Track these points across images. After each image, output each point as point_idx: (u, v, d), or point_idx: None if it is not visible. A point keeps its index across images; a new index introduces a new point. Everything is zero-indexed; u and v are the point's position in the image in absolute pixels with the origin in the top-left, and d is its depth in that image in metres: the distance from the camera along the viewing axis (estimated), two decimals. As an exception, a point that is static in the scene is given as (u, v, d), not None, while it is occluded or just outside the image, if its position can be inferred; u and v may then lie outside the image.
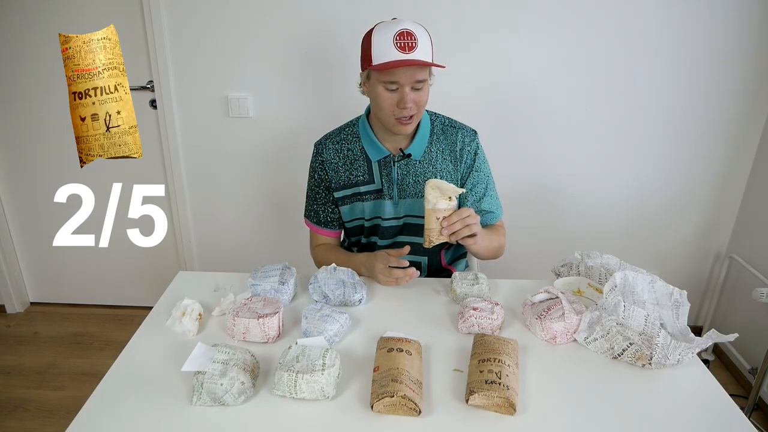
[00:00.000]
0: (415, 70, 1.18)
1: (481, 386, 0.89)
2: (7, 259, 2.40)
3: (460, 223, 1.15)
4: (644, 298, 1.10)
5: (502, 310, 1.11)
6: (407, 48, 1.16)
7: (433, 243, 1.17)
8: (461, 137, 1.37)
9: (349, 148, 1.36)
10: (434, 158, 1.36)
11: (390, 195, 1.36)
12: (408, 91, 1.19)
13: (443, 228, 1.14)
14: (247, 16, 1.93)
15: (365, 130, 1.35)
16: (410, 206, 1.38)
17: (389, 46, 1.16)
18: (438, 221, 1.15)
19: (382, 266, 1.25)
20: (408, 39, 1.16)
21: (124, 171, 1.76)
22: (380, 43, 1.18)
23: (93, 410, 0.89)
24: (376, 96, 1.24)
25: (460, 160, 1.37)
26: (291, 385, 0.88)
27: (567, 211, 2.19)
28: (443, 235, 1.15)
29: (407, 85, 1.19)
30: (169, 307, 1.13)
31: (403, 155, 1.33)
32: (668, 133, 2.04)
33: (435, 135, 1.36)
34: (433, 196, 1.14)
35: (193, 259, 2.35)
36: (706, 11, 1.86)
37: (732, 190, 2.12)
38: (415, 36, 1.17)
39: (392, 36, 1.16)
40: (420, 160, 1.35)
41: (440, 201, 1.14)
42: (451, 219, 1.15)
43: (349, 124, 1.40)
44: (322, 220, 1.43)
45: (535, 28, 1.90)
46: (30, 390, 2.01)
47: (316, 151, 1.40)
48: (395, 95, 1.21)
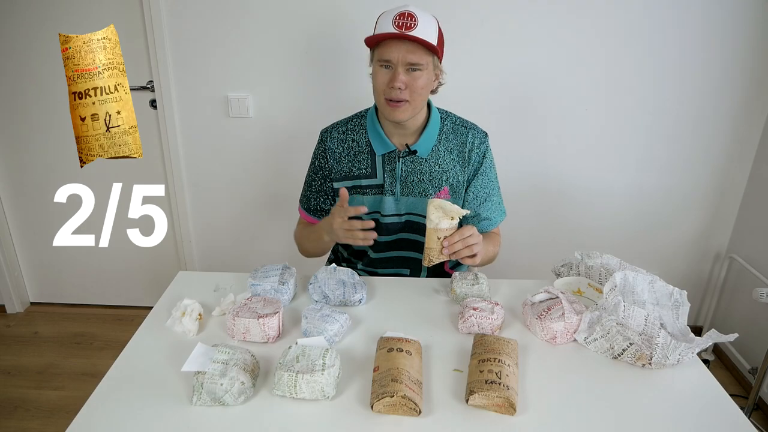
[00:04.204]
0: (408, 50, 1.17)
1: (481, 386, 0.89)
2: (7, 259, 2.40)
3: (461, 243, 1.14)
4: (644, 298, 1.10)
5: (502, 310, 1.11)
6: (404, 27, 1.16)
7: (432, 262, 1.16)
8: (471, 138, 1.35)
9: (354, 139, 1.35)
10: (441, 157, 1.34)
11: (392, 191, 1.34)
12: (401, 72, 1.18)
13: (444, 248, 1.14)
14: (247, 16, 1.93)
15: (372, 123, 1.33)
16: (413, 204, 1.36)
17: (387, 24, 1.17)
18: (439, 241, 1.14)
19: (341, 220, 1.19)
20: (407, 19, 1.16)
21: (124, 171, 1.76)
22: (382, 22, 1.20)
23: (93, 410, 0.89)
24: (373, 76, 1.24)
25: (468, 162, 1.35)
26: (291, 385, 0.88)
27: (567, 211, 2.19)
28: (443, 255, 1.15)
29: (400, 65, 1.18)
30: (169, 307, 1.13)
31: (409, 151, 1.32)
32: (668, 132, 2.04)
33: (444, 134, 1.34)
34: (436, 216, 1.13)
35: (193, 259, 2.35)
36: (706, 11, 1.86)
37: (732, 190, 2.12)
38: (416, 18, 1.16)
39: (392, 15, 1.17)
40: (426, 158, 1.33)
41: (443, 221, 1.13)
42: (453, 239, 1.14)
43: (358, 115, 1.38)
44: (312, 207, 1.42)
45: (535, 28, 1.90)
46: (30, 390, 2.01)
47: (321, 138, 1.39)
48: (388, 73, 1.20)
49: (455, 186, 1.35)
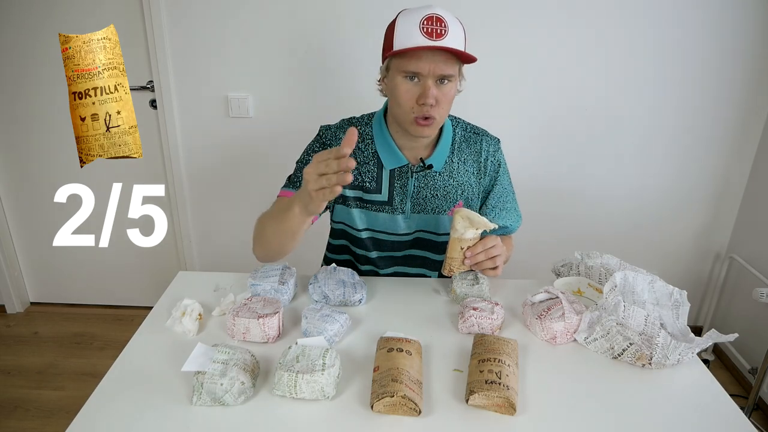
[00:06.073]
0: (442, 61, 1.04)
1: (481, 386, 0.88)
2: (7, 259, 2.40)
3: (483, 254, 1.11)
4: (644, 298, 1.10)
5: (502, 310, 1.11)
6: (435, 34, 1.02)
7: (453, 272, 1.15)
8: (486, 146, 1.25)
9: (359, 148, 1.21)
10: (455, 170, 1.23)
11: (402, 209, 1.24)
12: (431, 84, 1.05)
13: (466, 258, 1.12)
14: (247, 16, 1.93)
15: (382, 134, 1.20)
16: (424, 222, 1.27)
17: (414, 31, 1.02)
18: (462, 251, 1.12)
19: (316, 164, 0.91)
20: (437, 24, 1.03)
21: (124, 171, 1.76)
22: (405, 27, 1.04)
23: (93, 410, 0.89)
24: (394, 89, 1.09)
25: (484, 171, 1.26)
26: (291, 385, 0.88)
27: (567, 211, 2.19)
28: (465, 265, 1.13)
29: (431, 77, 1.05)
30: (169, 307, 1.13)
31: (424, 166, 1.20)
32: (668, 133, 2.04)
33: (456, 143, 1.23)
34: (462, 226, 1.10)
35: (193, 259, 2.35)
36: (706, 12, 1.86)
37: (732, 190, 2.13)
38: (446, 23, 1.03)
39: (419, 20, 1.03)
40: (440, 171, 1.22)
41: (468, 231, 1.11)
42: (476, 249, 1.11)
43: (362, 122, 1.24)
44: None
45: (535, 28, 1.91)
46: (30, 390, 2.01)
47: (322, 134, 1.24)
48: (416, 88, 1.07)
49: (470, 198, 1.27)
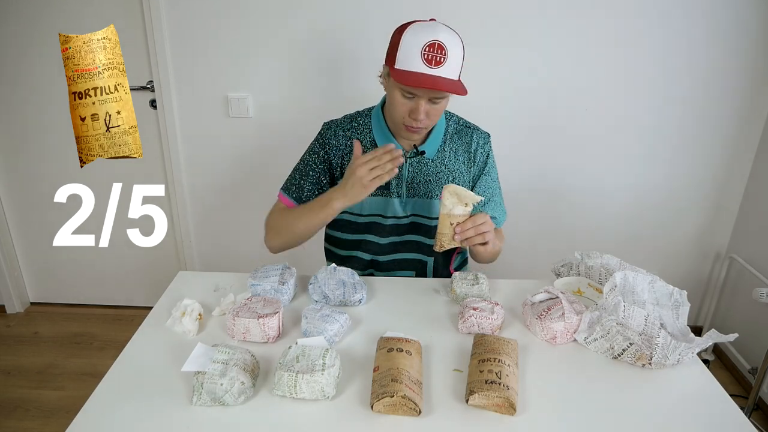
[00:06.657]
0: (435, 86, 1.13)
1: (481, 386, 0.88)
2: (7, 259, 2.40)
3: (473, 230, 1.15)
4: (644, 298, 1.10)
5: (502, 310, 1.11)
6: (434, 62, 1.11)
7: (444, 247, 1.17)
8: (476, 138, 1.35)
9: (358, 138, 1.33)
10: (447, 158, 1.33)
11: (398, 193, 1.33)
12: (423, 103, 1.16)
13: (456, 233, 1.15)
14: (248, 16, 1.93)
15: (379, 123, 1.31)
16: (419, 206, 1.34)
17: (415, 55, 1.11)
18: (451, 226, 1.15)
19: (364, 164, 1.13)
20: (437, 52, 1.11)
21: (124, 171, 1.76)
22: (408, 47, 1.12)
23: (93, 410, 0.89)
24: (391, 97, 1.21)
25: (473, 162, 1.36)
26: (291, 385, 0.88)
27: (567, 211, 2.19)
28: (455, 241, 1.16)
29: (424, 98, 1.16)
30: (169, 307, 1.13)
31: (417, 152, 1.31)
32: (668, 133, 2.04)
33: (449, 134, 1.34)
34: (450, 202, 1.14)
35: (193, 259, 2.35)
36: (706, 12, 1.86)
37: (732, 190, 2.12)
38: (446, 50, 1.11)
39: (422, 45, 1.10)
40: (433, 159, 1.32)
41: (456, 207, 1.14)
42: (465, 225, 1.15)
43: (361, 114, 1.36)
44: (303, 198, 1.34)
45: (535, 28, 1.90)
46: (30, 390, 2.01)
47: (323, 131, 1.36)
48: (410, 103, 1.18)
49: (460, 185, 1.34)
